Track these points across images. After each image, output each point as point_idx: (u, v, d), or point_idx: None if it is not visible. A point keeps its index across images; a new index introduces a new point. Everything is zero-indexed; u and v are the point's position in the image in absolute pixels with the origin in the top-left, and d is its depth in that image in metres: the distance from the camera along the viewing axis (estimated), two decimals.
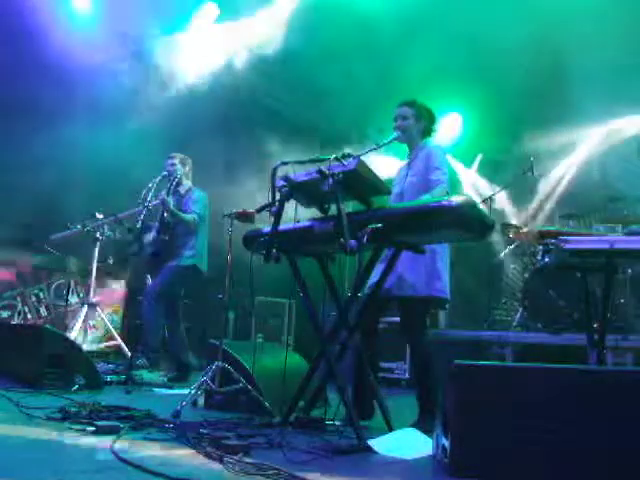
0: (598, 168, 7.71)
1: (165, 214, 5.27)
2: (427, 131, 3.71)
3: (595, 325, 3.42)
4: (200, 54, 7.16)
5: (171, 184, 5.23)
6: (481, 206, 2.83)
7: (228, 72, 7.09)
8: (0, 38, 5.92)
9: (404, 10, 6.32)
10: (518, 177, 6.99)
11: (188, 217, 5.34)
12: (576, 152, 7.90)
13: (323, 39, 6.45)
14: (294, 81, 7.34)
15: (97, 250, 5.46)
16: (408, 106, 3.66)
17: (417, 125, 3.65)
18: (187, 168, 5.56)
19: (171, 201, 5.19)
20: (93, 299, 5.33)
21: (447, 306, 6.50)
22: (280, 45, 6.84)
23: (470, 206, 2.71)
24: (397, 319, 3.65)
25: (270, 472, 2.16)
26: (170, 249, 5.37)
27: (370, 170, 2.96)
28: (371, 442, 2.78)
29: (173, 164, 5.42)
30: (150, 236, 5.33)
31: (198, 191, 5.52)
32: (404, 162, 3.79)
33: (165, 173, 5.22)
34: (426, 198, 3.22)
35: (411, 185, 3.55)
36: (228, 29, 7.20)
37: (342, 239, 2.77)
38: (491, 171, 8.51)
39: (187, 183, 5.56)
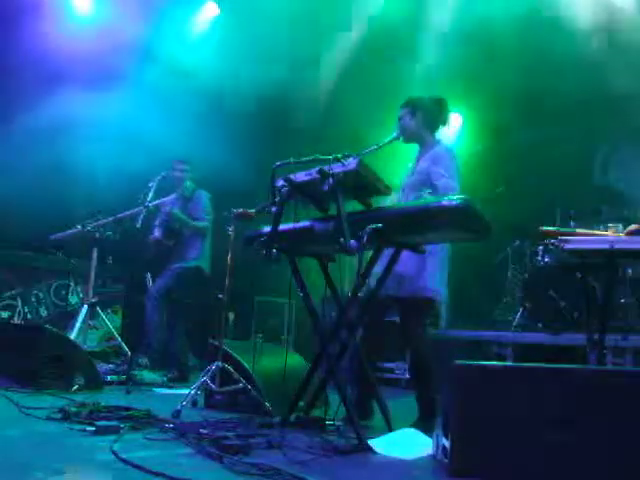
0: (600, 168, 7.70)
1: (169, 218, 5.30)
2: (432, 122, 3.61)
3: (595, 325, 3.42)
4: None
5: (182, 192, 5.29)
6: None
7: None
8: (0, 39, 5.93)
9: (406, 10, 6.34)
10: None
11: (201, 225, 5.40)
12: None
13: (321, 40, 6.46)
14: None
15: (97, 250, 5.45)
16: (402, 106, 3.65)
17: (414, 121, 3.59)
18: (192, 173, 5.59)
19: (178, 211, 5.24)
20: (93, 299, 5.33)
21: (444, 306, 6.53)
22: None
23: (470, 206, 2.71)
24: (396, 318, 3.65)
25: (270, 472, 2.16)
26: (174, 250, 5.39)
27: (370, 170, 2.96)
28: (371, 442, 2.78)
29: (184, 169, 5.47)
30: (153, 235, 5.35)
31: (204, 194, 5.54)
32: (414, 156, 3.73)
33: (164, 173, 5.20)
34: (427, 198, 3.22)
35: (412, 184, 3.53)
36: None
37: (342, 239, 2.77)
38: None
39: (191, 185, 5.57)
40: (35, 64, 6.07)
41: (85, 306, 5.28)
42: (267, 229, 3.26)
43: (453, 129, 8.09)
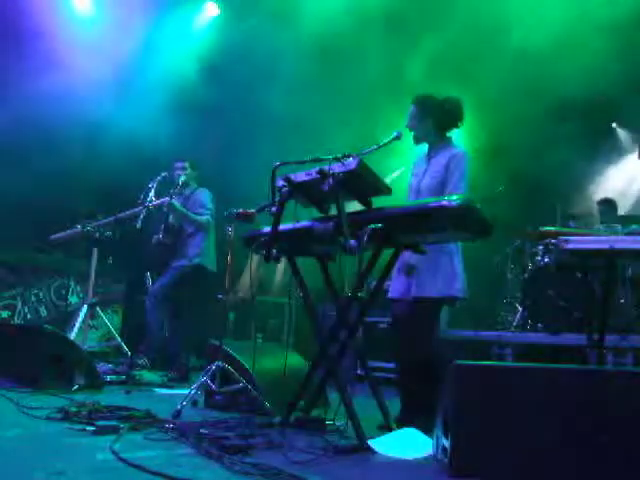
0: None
1: (170, 218, 5.27)
2: (443, 124, 3.53)
3: (595, 325, 3.42)
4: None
5: (175, 188, 5.24)
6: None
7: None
8: (2, 40, 5.93)
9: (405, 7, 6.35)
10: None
11: (202, 219, 5.36)
12: None
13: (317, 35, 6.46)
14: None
15: (97, 250, 5.46)
16: (413, 104, 3.58)
17: (424, 123, 3.53)
18: (196, 171, 5.57)
19: (176, 202, 5.22)
20: (93, 299, 5.33)
21: (446, 307, 6.53)
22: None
23: (470, 206, 2.71)
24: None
25: (270, 472, 2.16)
26: (174, 249, 5.38)
27: (370, 170, 2.96)
28: (371, 442, 2.78)
29: (184, 167, 5.43)
30: (155, 237, 5.34)
31: (205, 191, 5.51)
32: (424, 154, 3.66)
33: (165, 174, 5.18)
34: (427, 198, 3.23)
35: (428, 186, 3.48)
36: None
37: (342, 239, 2.77)
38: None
39: (193, 185, 5.56)
40: (36, 62, 6.08)
41: (85, 306, 5.29)
42: (267, 229, 3.26)
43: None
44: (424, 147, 3.66)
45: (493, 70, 6.54)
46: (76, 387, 4.01)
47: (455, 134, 3.61)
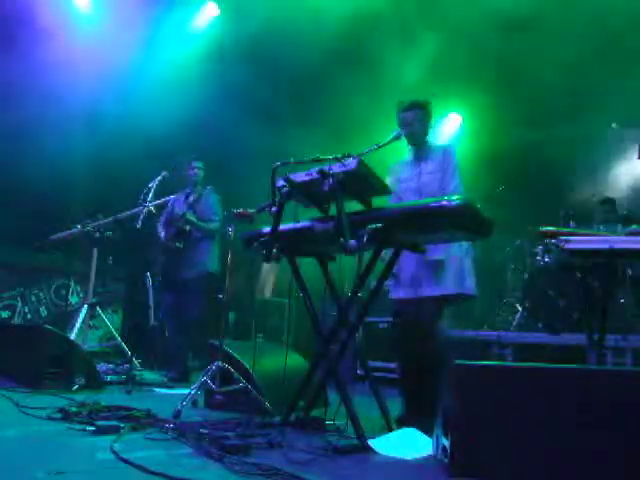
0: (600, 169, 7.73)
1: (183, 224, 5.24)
2: (430, 123, 3.70)
3: (595, 325, 3.42)
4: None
5: (190, 193, 5.26)
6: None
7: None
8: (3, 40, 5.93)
9: (403, 7, 6.34)
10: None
11: (213, 227, 5.34)
12: None
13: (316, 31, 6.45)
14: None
15: (97, 250, 5.46)
16: (411, 110, 3.60)
17: (425, 126, 3.62)
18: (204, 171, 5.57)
19: (192, 215, 5.19)
20: (93, 299, 5.33)
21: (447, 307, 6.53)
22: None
23: (470, 206, 2.71)
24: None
25: (270, 472, 2.17)
26: (183, 254, 5.25)
27: (370, 170, 2.96)
28: (371, 442, 2.78)
29: (200, 167, 5.43)
30: (163, 236, 5.30)
31: (212, 195, 5.48)
32: (409, 159, 3.69)
33: (165, 173, 5.14)
34: (427, 199, 3.23)
35: (429, 183, 3.50)
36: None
37: (342, 239, 2.77)
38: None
39: (199, 188, 5.52)
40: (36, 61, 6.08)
41: (85, 306, 5.29)
42: (267, 229, 3.26)
43: (452, 128, 8.13)
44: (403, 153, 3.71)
45: (495, 70, 6.55)
46: (76, 387, 4.02)
47: (456, 134, 3.65)
